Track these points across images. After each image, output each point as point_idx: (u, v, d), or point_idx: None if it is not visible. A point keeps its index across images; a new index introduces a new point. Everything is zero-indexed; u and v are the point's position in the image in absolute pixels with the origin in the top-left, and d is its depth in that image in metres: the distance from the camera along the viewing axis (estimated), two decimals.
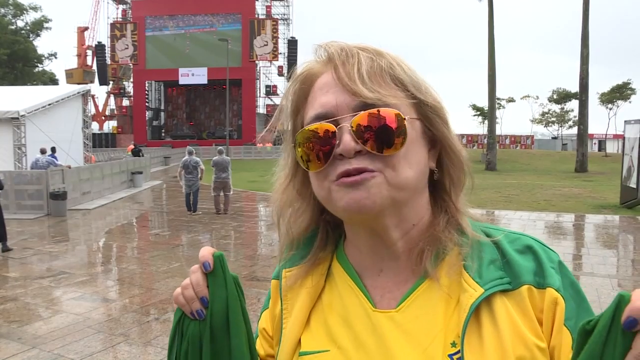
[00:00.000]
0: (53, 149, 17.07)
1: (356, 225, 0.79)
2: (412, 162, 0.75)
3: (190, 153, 13.79)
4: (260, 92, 58.37)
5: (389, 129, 0.72)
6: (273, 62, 56.72)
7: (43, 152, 15.64)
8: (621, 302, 0.53)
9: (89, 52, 63.13)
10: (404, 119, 0.73)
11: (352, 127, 0.72)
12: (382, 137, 0.72)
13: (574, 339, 0.69)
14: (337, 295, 0.83)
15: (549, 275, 0.72)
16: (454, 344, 0.71)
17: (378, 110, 0.72)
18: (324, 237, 0.87)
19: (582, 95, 32.21)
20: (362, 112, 0.73)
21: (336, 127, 0.73)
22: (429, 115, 0.78)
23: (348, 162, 0.72)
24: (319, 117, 0.76)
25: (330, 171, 0.74)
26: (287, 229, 0.88)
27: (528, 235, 0.79)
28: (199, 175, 13.76)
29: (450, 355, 0.70)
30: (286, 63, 54.18)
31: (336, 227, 0.88)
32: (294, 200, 0.87)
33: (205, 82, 55.72)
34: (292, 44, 54.91)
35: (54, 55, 62.11)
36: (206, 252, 0.80)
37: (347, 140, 0.72)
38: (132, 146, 34.08)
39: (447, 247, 0.77)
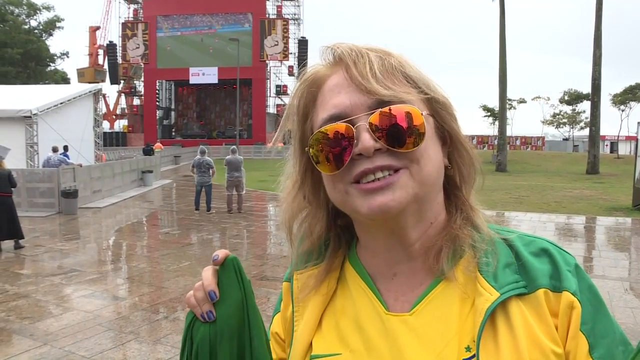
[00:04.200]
0: (65, 148, 17.21)
1: (375, 226, 0.77)
2: (432, 157, 0.74)
3: (202, 153, 13.93)
4: (270, 92, 58.49)
5: (408, 124, 0.71)
6: (283, 62, 56.83)
7: (55, 150, 15.76)
8: None
9: (101, 52, 63.48)
10: (422, 114, 0.73)
11: (369, 125, 0.71)
12: (401, 133, 0.71)
13: (591, 344, 0.68)
14: (349, 299, 0.82)
15: (565, 278, 0.71)
16: (468, 349, 0.70)
17: (394, 108, 0.72)
18: (336, 242, 0.86)
19: (594, 96, 31.94)
20: (379, 109, 0.72)
21: (353, 126, 0.72)
22: (440, 112, 0.77)
23: (369, 161, 0.71)
24: (333, 118, 0.74)
25: (347, 172, 0.73)
26: (302, 238, 0.87)
27: (543, 238, 0.78)
28: (211, 175, 13.96)
29: None
30: (296, 63, 54.19)
31: (347, 229, 0.86)
32: (305, 208, 0.86)
33: (216, 81, 55.89)
34: (303, 44, 54.93)
35: (66, 54, 62.56)
36: (219, 252, 0.81)
37: (366, 139, 0.71)
38: (159, 144, 34.35)
39: (464, 244, 0.76)
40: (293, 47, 55.92)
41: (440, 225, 0.79)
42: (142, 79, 59.06)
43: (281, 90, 57.93)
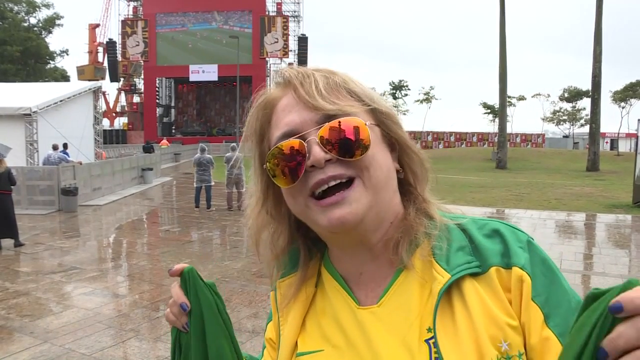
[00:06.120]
0: (65, 145, 17.19)
1: (337, 236, 0.82)
2: (381, 162, 0.80)
3: (202, 151, 13.97)
4: (270, 90, 58.37)
5: (354, 134, 0.77)
6: (283, 59, 56.68)
7: (55, 148, 15.76)
8: (626, 287, 0.53)
9: (100, 49, 63.29)
10: (366, 124, 0.79)
11: (319, 138, 0.77)
12: (349, 143, 0.77)
13: (545, 314, 0.72)
14: (327, 299, 0.88)
15: (514, 254, 0.75)
16: (430, 329, 0.74)
17: (341, 120, 0.78)
18: (306, 252, 0.92)
19: (595, 93, 31.92)
20: (326, 123, 0.78)
21: (304, 141, 0.78)
22: (384, 121, 0.84)
23: (322, 172, 0.77)
24: (286, 135, 0.80)
25: (304, 185, 0.79)
26: (269, 252, 0.93)
27: (496, 220, 0.83)
28: (211, 173, 13.99)
29: (427, 340, 0.74)
30: (296, 60, 54.12)
31: (317, 239, 0.91)
32: (269, 223, 0.92)
33: (216, 78, 55.75)
34: (303, 41, 54.85)
35: (66, 52, 62.48)
36: (175, 268, 0.91)
37: (317, 151, 0.76)
38: (165, 141, 34.29)
39: (418, 233, 0.81)
40: (293, 45, 55.80)
41: (398, 222, 0.85)
42: (142, 76, 58.93)
43: None
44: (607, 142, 64.30)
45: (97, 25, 64.32)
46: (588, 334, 0.52)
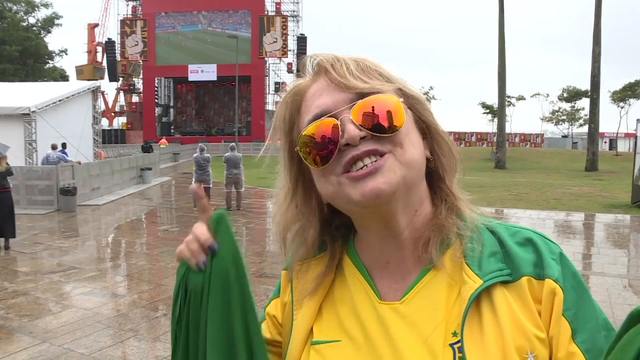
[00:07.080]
0: (64, 145, 17.17)
1: (368, 215, 0.80)
2: (414, 142, 0.79)
3: (201, 150, 13.96)
4: (269, 89, 58.38)
5: (388, 110, 0.76)
6: (282, 59, 56.71)
7: (54, 147, 15.74)
8: None
9: (99, 49, 63.22)
10: (399, 100, 0.78)
11: (352, 116, 0.76)
12: (383, 120, 0.76)
13: (573, 329, 0.71)
14: (346, 288, 0.86)
15: (548, 266, 0.74)
16: (455, 334, 0.73)
17: (373, 97, 0.77)
18: (332, 243, 0.90)
19: (593, 93, 31.93)
20: (360, 100, 0.76)
21: (337, 120, 0.76)
22: (416, 106, 0.83)
23: (356, 148, 0.75)
24: (318, 117, 0.78)
25: (337, 163, 0.77)
26: (297, 246, 0.90)
27: (528, 228, 0.81)
28: (210, 173, 14.01)
29: (452, 345, 0.73)
30: (295, 60, 54.02)
31: (344, 226, 0.90)
32: (298, 219, 0.89)
33: (215, 78, 55.73)
34: (302, 41, 54.81)
35: (65, 51, 62.41)
36: (205, 204, 0.90)
37: (351, 129, 0.75)
38: (164, 141, 34.29)
39: (450, 233, 0.80)
40: (292, 44, 55.78)
41: (427, 217, 0.83)
42: (141, 76, 58.89)
43: (280, 88, 57.69)
44: (605, 142, 64.31)
45: (96, 25, 64.23)
46: (637, 353, 0.52)
